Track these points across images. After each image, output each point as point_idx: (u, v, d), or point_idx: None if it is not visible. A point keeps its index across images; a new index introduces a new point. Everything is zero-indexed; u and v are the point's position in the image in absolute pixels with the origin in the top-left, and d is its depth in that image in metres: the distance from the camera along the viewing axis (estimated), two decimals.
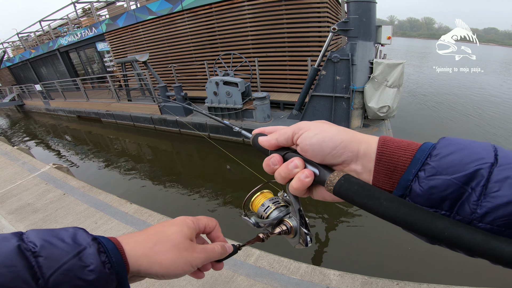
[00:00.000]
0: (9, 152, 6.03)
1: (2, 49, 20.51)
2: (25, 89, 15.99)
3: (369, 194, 0.31)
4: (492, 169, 0.26)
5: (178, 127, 7.69)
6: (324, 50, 5.44)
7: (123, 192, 5.27)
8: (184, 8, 8.17)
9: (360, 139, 0.35)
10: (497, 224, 0.25)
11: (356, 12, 4.86)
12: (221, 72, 7.43)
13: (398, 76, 5.06)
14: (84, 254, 0.32)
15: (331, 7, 6.73)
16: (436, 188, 0.28)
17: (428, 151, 0.30)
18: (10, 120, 16.24)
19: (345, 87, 5.28)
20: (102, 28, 11.08)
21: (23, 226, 3.18)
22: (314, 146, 0.36)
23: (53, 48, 14.62)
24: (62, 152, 8.68)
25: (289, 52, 7.12)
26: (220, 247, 0.46)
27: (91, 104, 10.66)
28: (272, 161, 0.40)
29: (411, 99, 10.92)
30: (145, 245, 0.39)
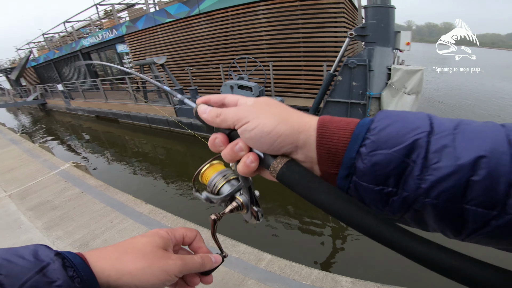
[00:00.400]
0: (31, 150, 6.27)
1: (29, 49, 21.49)
2: (48, 89, 16.70)
3: (308, 185, 0.31)
4: (429, 138, 0.26)
5: (192, 130, 7.78)
6: (340, 55, 5.37)
7: (137, 192, 5.37)
8: (201, 11, 8.30)
9: (299, 128, 0.33)
10: (442, 199, 0.24)
11: (374, 18, 4.78)
12: (235, 76, 7.48)
13: (417, 83, 4.93)
14: (48, 270, 0.30)
15: (347, 12, 6.65)
16: (378, 165, 0.27)
17: (367, 126, 0.29)
18: (32, 118, 16.96)
19: (361, 93, 5.18)
20: (122, 30, 11.40)
21: (41, 222, 3.26)
22: (253, 140, 0.35)
23: (75, 49, 15.20)
24: (80, 151, 8.97)
25: (304, 57, 7.08)
26: (200, 257, 0.43)
27: (110, 105, 10.97)
28: (217, 142, 0.38)
29: (426, 105, 10.60)
30: (111, 256, 0.37)
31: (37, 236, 3.02)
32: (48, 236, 3.01)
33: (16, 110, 21.36)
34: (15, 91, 21.31)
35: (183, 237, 0.46)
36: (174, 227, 1.85)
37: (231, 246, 2.61)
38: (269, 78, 7.33)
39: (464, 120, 0.27)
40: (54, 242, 2.91)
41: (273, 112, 0.35)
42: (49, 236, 3.00)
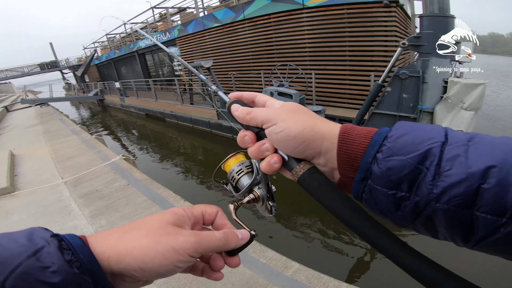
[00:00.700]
0: (88, 140, 6.92)
1: (94, 48, 23.91)
2: (106, 86, 18.38)
3: (325, 192, 0.34)
4: (443, 148, 0.27)
5: (231, 133, 7.95)
6: (390, 65, 5.08)
7: (177, 188, 5.62)
8: (245, 17, 8.48)
9: (324, 134, 0.36)
10: (453, 204, 0.25)
11: (430, 27, 4.45)
12: (276, 82, 7.48)
13: (478, 98, 4.47)
14: (42, 254, 0.27)
15: (400, 21, 6.27)
16: (393, 169, 0.29)
17: (385, 134, 0.31)
18: (91, 112, 18.76)
19: (412, 106, 4.84)
20: (175, 33, 12.09)
21: (88, 211, 3.54)
22: (279, 141, 0.37)
23: (133, 50, 16.50)
24: (129, 145, 9.69)
25: (350, 66, 6.82)
26: (222, 233, 0.38)
27: (158, 104, 11.70)
28: (246, 139, 0.40)
29: (488, 124, 9.53)
30: (113, 235, 0.33)
31: (83, 223, 3.28)
32: (92, 224, 3.24)
33: (78, 104, 23.85)
34: (79, 87, 23.84)
35: (203, 214, 0.41)
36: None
37: (260, 251, 2.59)
38: (310, 86, 7.20)
39: (479, 134, 0.29)
40: (97, 230, 3.12)
41: (300, 117, 0.37)
42: (93, 224, 3.23)
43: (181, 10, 13.66)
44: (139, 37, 16.69)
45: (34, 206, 3.77)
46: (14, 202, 3.97)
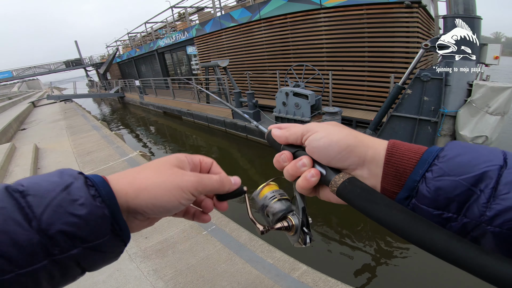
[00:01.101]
0: (108, 136, 7.15)
1: (116, 46, 24.67)
2: (127, 83, 18.92)
3: (370, 198, 0.31)
4: (501, 171, 0.26)
5: (245, 133, 7.98)
6: (412, 67, 4.92)
7: None
8: (261, 17, 8.48)
9: (368, 144, 0.35)
10: (506, 227, 0.24)
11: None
12: (292, 82, 7.43)
13: (505, 102, 4.24)
14: (72, 188, 0.30)
15: (422, 22, 6.06)
16: (443, 189, 0.28)
17: (436, 153, 0.30)
18: (112, 108, 19.37)
19: (433, 110, 4.66)
20: (193, 32, 12.28)
21: None
22: (320, 149, 0.37)
23: (152, 49, 16.89)
24: (146, 141, 9.92)
25: (369, 67, 6.66)
26: (218, 176, 0.42)
27: (176, 103, 11.93)
28: (282, 157, 0.41)
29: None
30: (129, 175, 0.37)
31: None
32: None
33: (100, 101, 24.71)
34: (101, 84, 24.67)
35: (200, 162, 0.45)
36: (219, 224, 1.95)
37: (268, 251, 2.59)
38: (327, 87, 7.10)
39: None
40: None
41: (341, 127, 0.38)
42: None
43: (199, 10, 13.86)
44: (159, 36, 17.07)
45: None
46: None
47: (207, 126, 9.83)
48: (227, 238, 2.85)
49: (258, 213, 0.48)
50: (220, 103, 9.51)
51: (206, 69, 9.71)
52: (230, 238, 2.84)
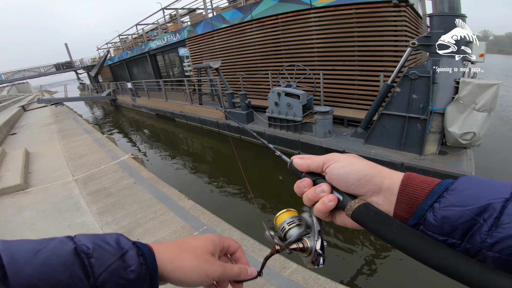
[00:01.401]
0: (100, 139, 7.09)
1: (107, 48, 24.43)
2: (119, 86, 18.76)
3: (383, 221, 0.34)
4: (507, 203, 0.28)
5: (239, 133, 7.99)
6: (400, 65, 4.99)
7: (182, 187, 5.69)
8: (253, 18, 8.49)
9: (385, 174, 0.39)
10: (505, 253, 0.27)
11: (440, 27, 4.35)
12: (283, 83, 7.46)
13: (491, 99, 4.32)
14: (127, 256, 0.37)
15: (410, 21, 6.15)
16: (448, 218, 0.31)
17: (446, 186, 0.33)
18: (104, 111, 19.17)
19: (422, 107, 4.73)
20: (184, 34, 12.22)
21: (96, 207, 3.63)
22: (340, 176, 0.40)
23: (144, 51, 16.76)
24: (139, 144, 9.86)
25: (359, 66, 6.74)
26: (238, 268, 0.49)
27: (169, 104, 11.87)
28: (303, 184, 0.45)
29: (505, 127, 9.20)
30: (173, 252, 0.44)
31: (90, 220, 3.36)
32: (99, 221, 3.32)
33: (92, 104, 24.43)
34: (93, 87, 24.42)
35: (229, 246, 0.52)
36: (210, 224, 1.96)
37: (259, 250, 2.61)
38: (318, 87, 7.15)
39: None
40: (102, 227, 3.20)
41: (361, 159, 0.42)
42: (99, 221, 3.31)
43: (190, 11, 13.82)
44: (150, 38, 16.95)
45: (45, 202, 3.89)
46: (27, 198, 4.11)
47: (200, 128, 9.81)
48: None
49: (277, 233, 0.50)
50: (212, 104, 9.53)
51: (198, 70, 9.69)
52: None
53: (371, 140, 5.47)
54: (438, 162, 4.63)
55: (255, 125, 7.64)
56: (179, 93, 13.71)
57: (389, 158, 4.95)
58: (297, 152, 6.40)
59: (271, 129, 6.99)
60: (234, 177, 6.34)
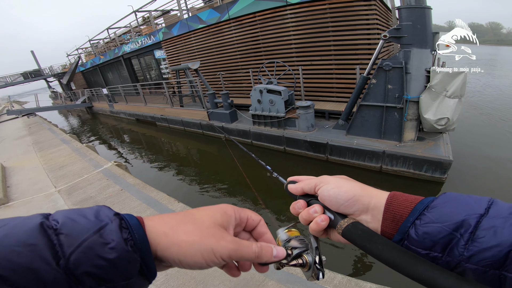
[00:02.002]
0: (79, 149, 6.88)
1: (77, 54, 23.44)
2: (94, 92, 18.11)
3: (369, 238, 0.37)
4: (481, 219, 0.31)
5: (223, 133, 7.99)
6: (374, 58, 5.19)
7: (171, 191, 5.65)
8: (230, 17, 8.48)
9: (372, 194, 0.42)
10: (482, 265, 0.29)
11: (409, 19, 4.56)
12: (265, 80, 7.54)
13: (460, 85, 4.60)
14: (105, 231, 0.30)
15: (380, 14, 6.39)
16: (428, 234, 0.33)
17: (426, 204, 0.36)
18: (80, 120, 18.47)
19: (397, 97, 4.96)
20: (159, 36, 11.98)
21: None
22: (331, 197, 0.43)
23: (118, 55, 16.22)
24: (121, 151, 9.62)
25: (335, 60, 6.92)
26: (259, 246, 0.40)
27: (148, 109, 11.64)
28: (298, 205, 0.48)
29: (472, 111, 9.77)
30: (167, 223, 0.36)
31: None
32: None
33: (67, 112, 23.45)
34: (66, 95, 23.40)
35: (247, 218, 0.45)
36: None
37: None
38: (298, 82, 7.29)
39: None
40: None
41: (350, 181, 0.45)
42: None
43: (164, 13, 13.54)
44: (123, 41, 16.45)
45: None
46: (10, 212, 3.97)
47: (183, 130, 9.71)
48: None
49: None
50: (194, 105, 9.46)
51: (177, 72, 9.56)
52: None
53: (352, 131, 5.66)
54: (417, 148, 4.88)
55: (239, 123, 7.67)
56: (159, 96, 13.45)
57: (370, 147, 5.16)
58: (282, 148, 6.51)
59: (255, 126, 7.06)
60: (221, 177, 6.37)
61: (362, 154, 5.27)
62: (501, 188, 4.68)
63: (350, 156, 5.45)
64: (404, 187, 4.78)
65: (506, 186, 4.73)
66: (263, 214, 4.48)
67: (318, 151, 5.89)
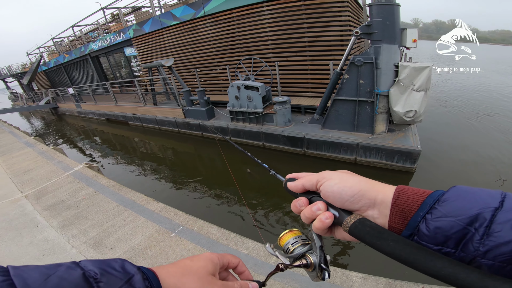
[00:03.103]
0: (45, 152, 6.47)
1: (39, 53, 21.90)
2: (59, 92, 17.05)
3: (379, 235, 0.35)
4: (496, 212, 0.30)
5: (200, 131, 7.88)
6: (346, 53, 5.37)
7: (149, 191, 5.49)
8: (206, 13, 8.38)
9: (378, 189, 0.40)
10: (498, 260, 0.28)
11: (379, 15, 4.77)
12: (242, 76, 7.54)
13: (425, 79, 4.89)
14: (133, 280, 0.38)
15: (352, 11, 6.63)
16: (441, 229, 0.32)
17: (437, 198, 0.35)
18: (45, 122, 17.33)
19: (369, 91, 5.17)
20: (130, 33, 11.56)
21: (57, 222, 3.37)
22: (335, 193, 0.42)
23: (84, 53, 15.44)
24: (92, 153, 9.16)
25: (310, 56, 7.08)
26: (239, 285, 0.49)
27: (119, 108, 11.17)
28: (299, 203, 0.47)
29: (437, 104, 10.45)
30: (175, 275, 0.44)
31: (53, 234, 3.13)
32: (63, 234, 3.11)
33: (29, 114, 21.89)
34: (27, 96, 21.81)
35: (228, 263, 0.52)
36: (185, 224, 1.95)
37: (241, 243, 2.67)
38: (275, 78, 7.36)
39: None
40: (69, 240, 3.00)
41: (353, 175, 0.44)
42: (64, 235, 3.10)
43: (135, 10, 13.03)
44: (90, 39, 15.64)
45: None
46: None
47: (158, 129, 9.45)
48: (197, 236, 2.86)
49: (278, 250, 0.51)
50: (168, 103, 9.22)
51: (149, 69, 9.27)
52: (201, 236, 2.85)
53: (327, 125, 5.83)
54: (388, 139, 5.13)
55: (217, 120, 7.60)
56: (130, 94, 12.96)
57: (345, 139, 5.34)
58: (261, 144, 6.56)
59: (233, 123, 7.04)
60: (199, 174, 6.29)
61: (338, 147, 5.45)
62: (466, 172, 5.07)
63: (326, 149, 5.61)
64: (378, 178, 4.94)
65: (470, 171, 5.11)
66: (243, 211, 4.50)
67: (295, 145, 6.00)
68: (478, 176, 4.95)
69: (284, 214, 4.27)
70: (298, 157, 6.03)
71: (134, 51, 12.19)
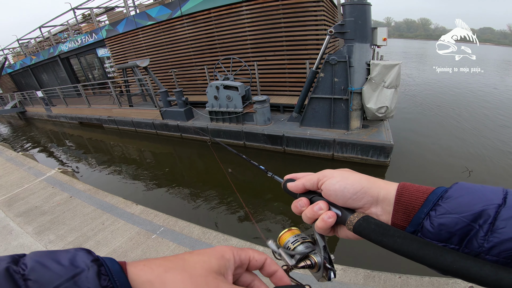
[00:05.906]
0: (14, 158, 6.14)
1: (3, 55, 20.59)
2: (26, 96, 16.12)
3: (385, 232, 0.35)
4: (499, 209, 0.30)
5: (179, 132, 7.79)
6: (321, 52, 5.53)
7: (127, 194, 5.36)
8: (183, 13, 8.29)
9: (380, 185, 0.40)
10: (503, 256, 0.29)
11: (351, 15, 4.96)
12: (221, 76, 7.53)
13: (395, 76, 5.14)
14: (80, 278, 0.27)
15: (327, 11, 6.84)
16: (445, 225, 0.32)
17: (440, 194, 0.35)
18: (12, 127, 16.33)
19: (343, 89, 5.36)
20: (102, 34, 11.19)
21: (32, 228, 3.26)
22: (337, 192, 0.41)
23: (53, 54, 14.73)
24: (64, 159, 8.77)
25: (287, 55, 7.22)
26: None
27: (93, 110, 10.77)
28: (300, 203, 0.46)
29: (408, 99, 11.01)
30: (155, 270, 0.31)
31: (29, 241, 3.02)
32: (40, 240, 3.01)
33: None
34: None
35: (250, 259, 0.39)
36: (167, 224, 1.92)
37: (224, 240, 2.70)
38: (254, 78, 7.43)
39: None
40: (47, 246, 2.91)
41: (355, 173, 0.44)
42: (41, 241, 3.00)
43: (108, 10, 12.61)
44: (59, 40, 14.94)
45: None
46: None
47: (135, 131, 9.21)
48: (179, 236, 2.86)
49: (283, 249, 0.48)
50: (145, 104, 9.01)
51: (124, 70, 9.00)
52: (183, 236, 2.85)
53: (305, 122, 5.98)
54: (362, 135, 5.35)
55: (196, 121, 7.55)
56: (104, 96, 12.53)
57: (322, 136, 5.51)
58: (242, 143, 6.60)
59: (213, 123, 7.02)
60: (180, 176, 6.23)
61: (315, 144, 5.60)
62: (436, 164, 5.38)
63: (304, 146, 5.75)
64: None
65: (440, 163, 5.43)
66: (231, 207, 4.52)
67: (275, 143, 6.10)
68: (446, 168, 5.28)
69: (279, 213, 4.34)
70: (279, 155, 6.13)
71: (107, 52, 11.80)
